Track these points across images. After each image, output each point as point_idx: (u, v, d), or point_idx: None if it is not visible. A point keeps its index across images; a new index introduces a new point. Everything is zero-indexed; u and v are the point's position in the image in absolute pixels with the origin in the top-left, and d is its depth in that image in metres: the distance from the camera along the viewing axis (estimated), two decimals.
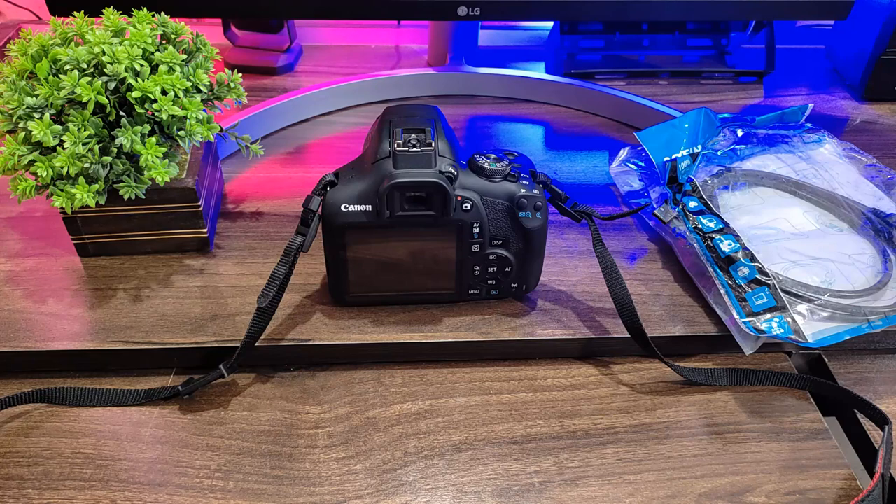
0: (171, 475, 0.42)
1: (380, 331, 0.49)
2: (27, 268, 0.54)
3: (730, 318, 0.49)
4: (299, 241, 0.46)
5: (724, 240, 0.51)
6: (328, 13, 0.66)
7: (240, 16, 0.80)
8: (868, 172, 0.62)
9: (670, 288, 0.54)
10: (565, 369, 0.49)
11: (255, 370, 0.49)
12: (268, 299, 0.45)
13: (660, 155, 0.60)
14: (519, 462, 0.43)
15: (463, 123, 0.74)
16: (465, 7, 0.65)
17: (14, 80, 0.47)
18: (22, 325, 0.49)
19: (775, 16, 0.71)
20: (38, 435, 0.44)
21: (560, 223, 0.58)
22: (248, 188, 0.63)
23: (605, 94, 0.75)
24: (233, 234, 0.58)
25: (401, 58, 0.86)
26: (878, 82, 0.79)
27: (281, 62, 0.81)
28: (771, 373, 0.48)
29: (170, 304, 0.51)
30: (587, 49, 0.85)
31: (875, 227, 0.56)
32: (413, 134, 0.46)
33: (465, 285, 0.50)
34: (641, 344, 0.48)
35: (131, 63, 0.46)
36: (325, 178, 0.46)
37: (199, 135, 0.50)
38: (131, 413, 0.46)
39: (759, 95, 0.81)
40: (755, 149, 0.63)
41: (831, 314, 0.49)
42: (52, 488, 0.41)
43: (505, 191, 0.47)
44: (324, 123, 0.74)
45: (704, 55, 0.86)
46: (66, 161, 0.45)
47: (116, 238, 0.54)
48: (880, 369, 0.50)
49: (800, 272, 0.52)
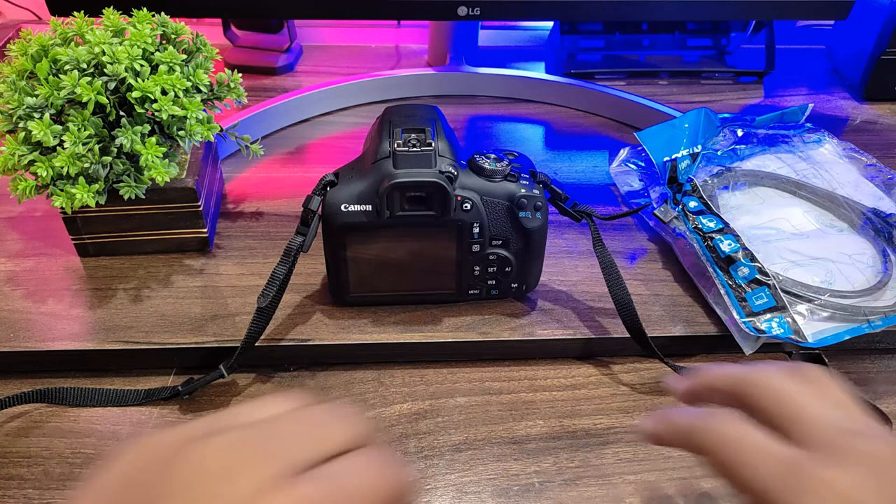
0: None
1: (380, 331, 0.49)
2: (27, 268, 0.54)
3: (730, 318, 0.49)
4: (299, 241, 0.46)
5: (724, 240, 0.51)
6: (328, 13, 0.66)
7: (240, 16, 0.80)
8: (868, 172, 0.62)
9: (670, 288, 0.54)
10: (565, 369, 0.49)
11: (255, 370, 0.49)
12: (268, 299, 0.45)
13: (660, 155, 0.60)
14: (519, 462, 0.43)
15: (463, 123, 0.74)
16: (465, 7, 0.65)
17: (14, 80, 0.47)
18: (22, 325, 0.49)
19: (775, 16, 0.71)
20: (38, 435, 0.44)
21: (560, 223, 0.58)
22: (248, 188, 0.63)
23: (605, 94, 0.75)
24: (233, 234, 0.58)
25: (401, 58, 0.86)
26: (878, 82, 0.79)
27: (281, 62, 0.81)
28: None
29: (170, 304, 0.51)
30: (587, 49, 0.85)
31: (875, 227, 0.56)
32: (413, 134, 0.46)
33: (465, 285, 0.50)
34: (642, 344, 0.48)
35: (131, 63, 0.46)
36: (325, 178, 0.46)
37: (199, 135, 0.50)
38: (131, 413, 0.46)
39: (759, 95, 0.81)
40: (755, 149, 0.63)
41: (831, 314, 0.49)
42: (53, 488, 0.41)
43: (505, 191, 0.47)
44: (324, 123, 0.74)
45: (704, 55, 0.86)
46: (66, 161, 0.45)
47: (116, 238, 0.54)
48: (880, 369, 0.50)
49: (800, 272, 0.52)
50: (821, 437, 0.28)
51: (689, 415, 0.30)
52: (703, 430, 0.29)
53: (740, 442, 0.28)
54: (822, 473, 0.26)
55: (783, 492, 0.26)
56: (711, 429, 0.29)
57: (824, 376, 0.31)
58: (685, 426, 0.30)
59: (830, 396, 0.30)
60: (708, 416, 0.29)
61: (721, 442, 0.28)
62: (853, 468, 0.26)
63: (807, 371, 0.31)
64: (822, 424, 0.28)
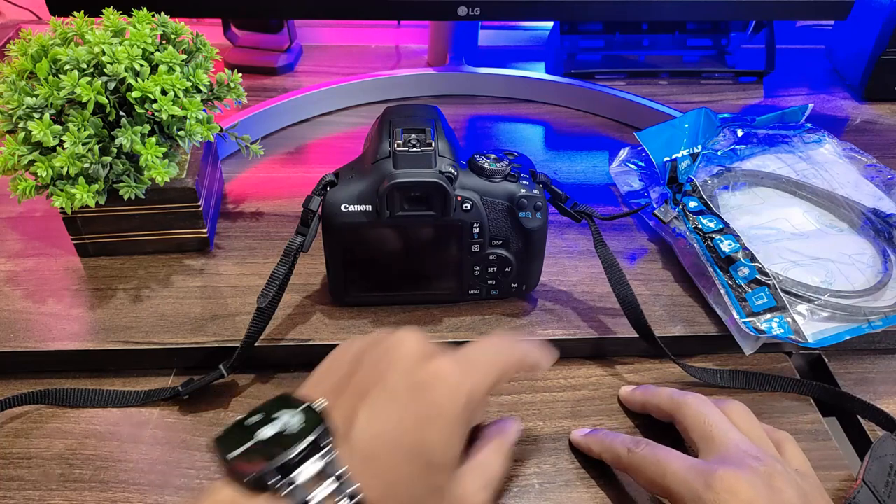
0: (171, 476, 0.42)
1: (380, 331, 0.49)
2: (27, 268, 0.54)
3: (730, 318, 0.49)
4: (299, 241, 0.46)
5: (725, 240, 0.51)
6: (328, 13, 0.66)
7: (240, 16, 0.80)
8: (868, 172, 0.62)
9: (670, 288, 0.54)
10: (565, 370, 0.49)
11: (256, 370, 0.49)
12: (268, 299, 0.45)
13: (660, 155, 0.60)
14: (519, 463, 0.43)
15: (463, 123, 0.74)
16: (465, 7, 0.65)
17: (14, 80, 0.47)
18: (22, 326, 0.49)
19: (775, 16, 0.71)
20: (38, 436, 0.44)
21: (560, 223, 0.58)
22: (248, 188, 0.63)
23: (605, 94, 0.75)
24: (233, 234, 0.58)
25: (401, 58, 0.86)
26: (878, 82, 0.79)
27: (281, 62, 0.81)
28: (790, 380, 0.48)
29: (170, 304, 0.51)
30: (587, 49, 0.85)
31: (875, 227, 0.56)
32: (413, 134, 0.46)
33: (465, 285, 0.50)
34: (649, 342, 0.48)
35: (131, 63, 0.46)
36: (325, 179, 0.46)
37: (199, 135, 0.50)
38: (132, 414, 0.46)
39: (759, 95, 0.81)
40: (755, 149, 0.63)
41: (831, 314, 0.49)
42: (53, 489, 0.41)
43: (505, 191, 0.47)
44: (324, 123, 0.74)
45: (704, 55, 0.86)
46: (66, 161, 0.45)
47: (116, 238, 0.54)
48: (881, 369, 0.50)
49: (800, 272, 0.52)
50: (726, 453, 0.37)
51: (620, 442, 0.40)
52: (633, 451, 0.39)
53: (667, 458, 0.37)
54: (725, 474, 0.34)
55: (695, 488, 0.34)
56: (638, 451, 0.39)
57: (741, 410, 0.41)
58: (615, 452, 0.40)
59: (741, 426, 0.39)
60: (635, 443, 0.40)
61: (650, 461, 0.38)
62: (750, 477, 0.34)
63: (728, 404, 0.41)
64: (729, 444, 0.37)
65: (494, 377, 0.34)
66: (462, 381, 0.32)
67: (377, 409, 0.30)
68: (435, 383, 0.32)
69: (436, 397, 0.31)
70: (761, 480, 0.34)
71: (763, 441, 0.39)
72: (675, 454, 0.37)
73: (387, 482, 0.29)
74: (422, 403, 0.31)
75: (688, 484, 0.35)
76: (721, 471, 0.35)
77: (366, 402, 0.31)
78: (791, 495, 0.34)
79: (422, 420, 0.31)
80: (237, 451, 0.28)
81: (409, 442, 0.30)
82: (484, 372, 0.34)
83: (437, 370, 0.32)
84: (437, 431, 0.31)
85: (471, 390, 0.32)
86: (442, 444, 0.31)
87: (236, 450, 0.28)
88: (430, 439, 0.31)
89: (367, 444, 0.29)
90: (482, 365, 0.34)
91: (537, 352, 0.38)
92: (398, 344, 0.33)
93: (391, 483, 0.29)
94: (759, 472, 0.35)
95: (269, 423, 0.29)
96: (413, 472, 0.30)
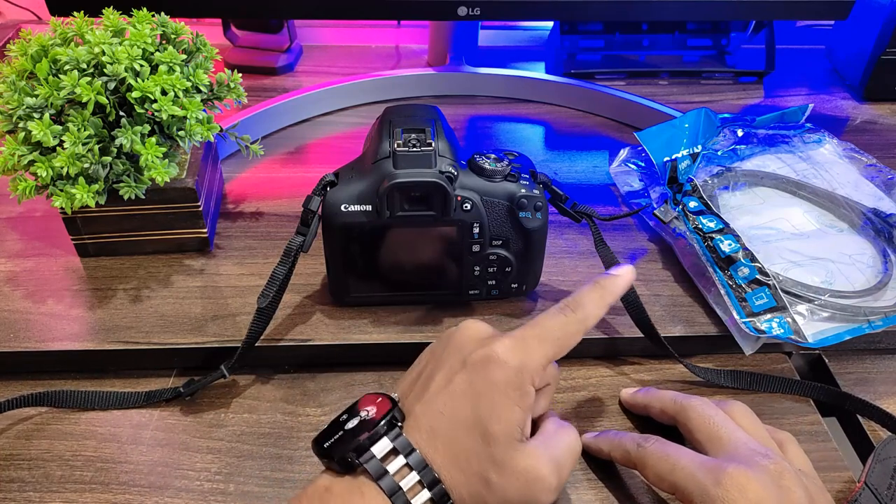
0: (171, 478, 0.42)
1: (380, 331, 0.49)
2: (27, 268, 0.54)
3: (730, 319, 0.49)
4: (299, 241, 0.46)
5: (725, 240, 0.51)
6: (328, 13, 0.66)
7: (240, 16, 0.80)
8: (868, 172, 0.62)
9: (670, 288, 0.54)
10: (565, 371, 0.49)
11: (256, 371, 0.49)
12: (268, 299, 0.45)
13: (660, 155, 0.60)
14: None
15: (463, 123, 0.74)
16: (465, 7, 0.65)
17: (14, 80, 0.47)
18: (22, 326, 0.49)
19: (775, 16, 0.71)
20: (38, 437, 0.44)
21: (560, 223, 0.58)
22: (248, 188, 0.63)
23: (605, 94, 0.75)
24: (233, 234, 0.58)
25: (401, 58, 0.86)
26: (878, 82, 0.79)
27: (281, 62, 0.81)
28: (792, 381, 0.48)
29: (170, 304, 0.51)
30: (587, 49, 0.85)
31: (875, 228, 0.56)
32: (413, 134, 0.46)
33: (465, 285, 0.50)
34: (653, 342, 0.48)
35: (131, 63, 0.46)
36: (325, 179, 0.46)
37: (199, 135, 0.50)
38: (132, 415, 0.46)
39: (759, 95, 0.81)
40: (755, 149, 0.63)
41: (831, 314, 0.49)
42: (53, 490, 0.41)
43: (505, 191, 0.47)
44: (324, 123, 0.74)
45: (704, 55, 0.86)
46: (66, 161, 0.45)
47: (116, 238, 0.54)
48: (881, 370, 0.50)
49: (800, 272, 0.52)
50: (735, 452, 0.37)
51: (629, 440, 0.40)
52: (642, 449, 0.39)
53: (677, 454, 0.37)
54: (735, 471, 0.34)
55: (704, 484, 0.35)
56: (647, 447, 0.39)
57: (744, 410, 0.41)
58: (625, 449, 0.40)
59: (746, 426, 0.39)
60: (643, 439, 0.40)
61: (660, 457, 0.38)
62: (759, 475, 0.34)
63: (731, 405, 0.41)
64: (738, 444, 0.37)
65: (550, 350, 0.37)
66: (511, 357, 0.35)
67: (438, 390, 0.36)
68: (486, 362, 0.35)
69: (487, 373, 0.35)
70: (770, 479, 0.35)
71: (768, 441, 0.39)
72: (685, 450, 0.38)
73: (451, 455, 0.34)
74: (475, 380, 0.35)
75: (697, 480, 0.35)
76: (731, 468, 0.35)
77: (430, 386, 0.36)
78: (800, 495, 0.34)
79: (475, 395, 0.35)
80: (328, 441, 0.35)
81: (464, 416, 0.35)
82: (536, 347, 0.36)
83: (488, 350, 0.36)
84: (490, 403, 0.35)
85: (520, 365, 0.35)
86: (495, 416, 0.34)
87: (327, 441, 0.35)
88: (483, 411, 0.34)
89: (430, 421, 0.35)
90: (534, 339, 0.37)
91: (600, 308, 0.40)
92: (458, 333, 0.38)
93: (455, 455, 0.34)
94: (768, 471, 0.35)
95: (355, 416, 0.35)
96: (471, 444, 0.34)
